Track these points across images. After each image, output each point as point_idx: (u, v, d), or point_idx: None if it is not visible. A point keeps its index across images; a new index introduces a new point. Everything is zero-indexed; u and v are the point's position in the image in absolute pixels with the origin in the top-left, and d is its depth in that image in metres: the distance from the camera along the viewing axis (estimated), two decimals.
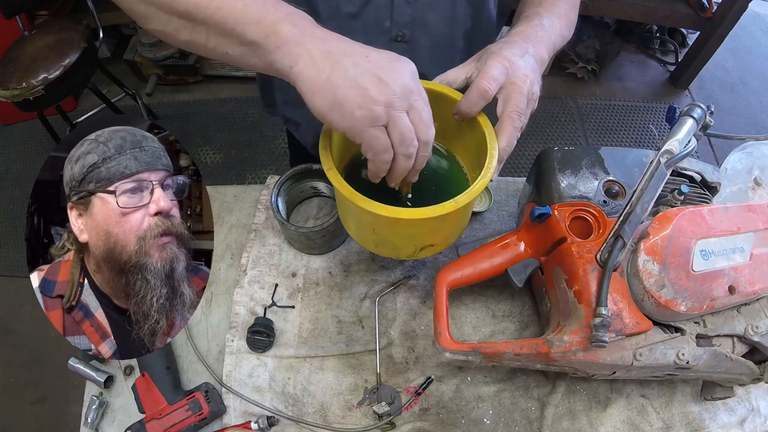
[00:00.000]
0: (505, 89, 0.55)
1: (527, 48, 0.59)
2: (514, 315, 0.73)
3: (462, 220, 0.60)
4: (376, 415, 0.65)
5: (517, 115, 0.54)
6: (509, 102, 0.54)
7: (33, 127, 2.15)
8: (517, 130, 0.55)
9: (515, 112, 0.54)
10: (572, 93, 2.35)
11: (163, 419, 0.61)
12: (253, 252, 0.77)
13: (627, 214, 0.55)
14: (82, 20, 1.76)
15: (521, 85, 0.54)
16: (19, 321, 1.80)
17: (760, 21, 2.75)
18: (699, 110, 0.63)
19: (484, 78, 0.54)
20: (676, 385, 0.68)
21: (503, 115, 0.55)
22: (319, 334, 0.71)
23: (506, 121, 0.54)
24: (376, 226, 0.54)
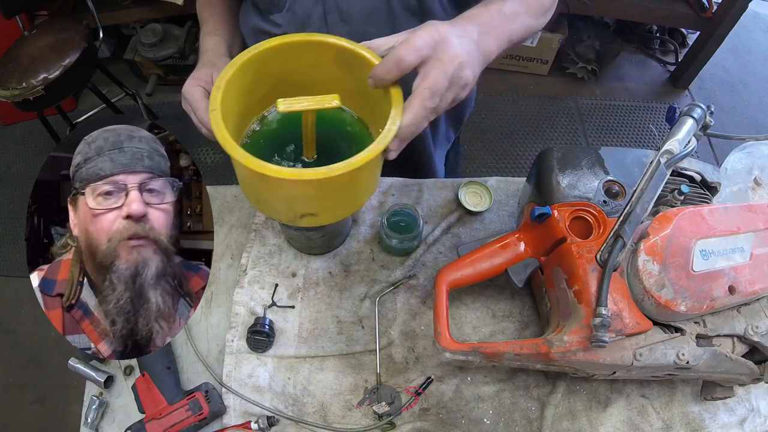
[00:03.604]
0: (428, 64, 0.50)
1: (471, 32, 0.55)
2: (514, 315, 0.73)
3: (347, 193, 0.55)
4: (376, 415, 0.65)
5: (430, 93, 0.50)
6: (426, 78, 0.50)
7: (33, 127, 2.15)
8: (427, 110, 0.50)
9: (429, 89, 0.50)
10: (572, 93, 2.35)
11: (163, 419, 0.61)
12: (253, 252, 0.77)
13: (627, 214, 0.55)
14: (82, 20, 1.76)
15: (447, 63, 0.50)
16: (19, 321, 1.80)
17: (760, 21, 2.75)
18: (699, 110, 0.63)
19: (406, 46, 0.50)
20: (676, 385, 0.68)
21: (416, 90, 0.50)
22: (319, 334, 0.71)
23: (417, 97, 0.50)
24: (251, 179, 0.53)
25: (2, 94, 1.58)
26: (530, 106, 2.28)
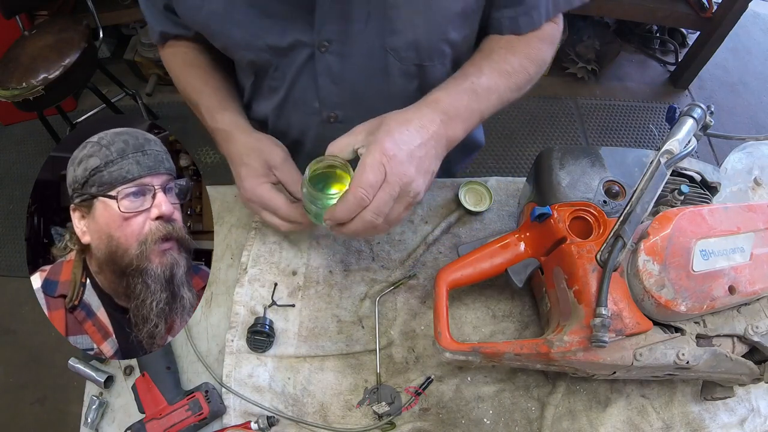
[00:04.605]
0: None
1: (429, 129, 0.57)
2: (514, 315, 0.73)
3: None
4: (376, 415, 0.65)
5: (373, 214, 0.53)
6: (374, 200, 0.53)
7: (33, 127, 2.15)
8: (367, 222, 0.54)
9: (371, 211, 0.53)
10: (572, 93, 2.35)
11: (163, 419, 0.61)
12: (253, 250, 0.77)
13: (627, 214, 0.55)
14: (82, 20, 1.76)
15: (393, 185, 0.53)
16: (19, 321, 1.81)
17: (760, 21, 2.75)
18: (699, 110, 0.63)
19: (360, 184, 0.52)
20: (676, 385, 0.68)
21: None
22: (320, 333, 0.71)
23: (358, 218, 0.54)
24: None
25: (2, 94, 1.59)
26: (530, 106, 2.29)
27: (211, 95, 0.74)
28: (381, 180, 0.53)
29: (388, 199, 0.53)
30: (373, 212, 0.53)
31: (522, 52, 0.68)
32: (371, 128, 0.57)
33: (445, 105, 0.59)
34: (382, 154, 0.53)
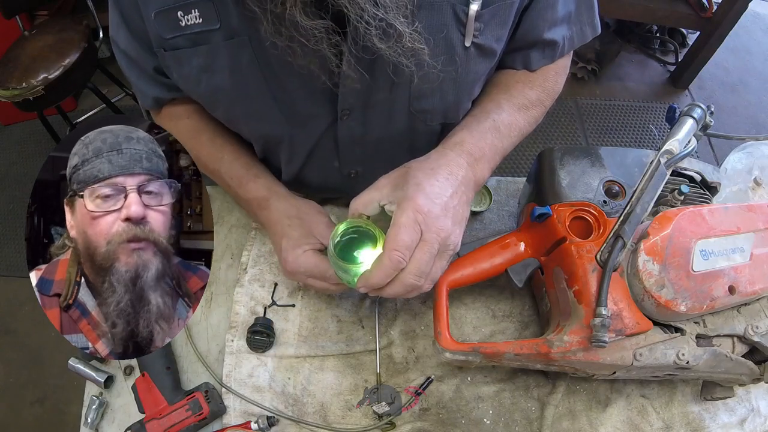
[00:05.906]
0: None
1: (458, 175, 0.54)
2: (514, 315, 0.73)
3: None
4: (376, 415, 0.65)
5: (415, 276, 0.52)
6: (413, 262, 0.51)
7: (33, 127, 2.15)
8: (409, 285, 0.53)
9: (413, 274, 0.52)
10: (572, 93, 2.35)
11: (163, 419, 0.61)
12: (253, 250, 0.77)
13: (627, 214, 0.55)
14: (82, 20, 1.76)
15: (431, 243, 0.51)
16: (19, 321, 1.81)
17: (760, 21, 2.75)
18: (699, 110, 0.63)
19: (396, 246, 0.50)
20: (676, 385, 0.68)
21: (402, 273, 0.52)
22: (320, 333, 0.71)
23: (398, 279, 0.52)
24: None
25: (2, 94, 1.59)
26: None
27: (233, 163, 0.70)
28: (417, 239, 0.51)
29: (428, 258, 0.51)
30: (415, 275, 0.51)
31: (540, 86, 0.68)
32: (397, 181, 0.55)
33: (469, 146, 0.58)
34: (416, 211, 0.51)
